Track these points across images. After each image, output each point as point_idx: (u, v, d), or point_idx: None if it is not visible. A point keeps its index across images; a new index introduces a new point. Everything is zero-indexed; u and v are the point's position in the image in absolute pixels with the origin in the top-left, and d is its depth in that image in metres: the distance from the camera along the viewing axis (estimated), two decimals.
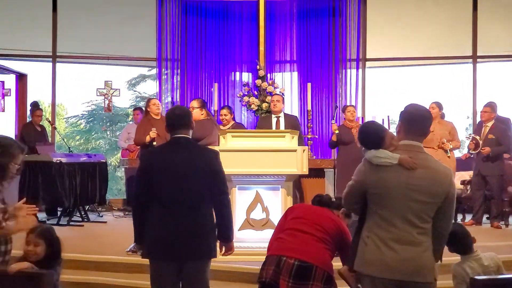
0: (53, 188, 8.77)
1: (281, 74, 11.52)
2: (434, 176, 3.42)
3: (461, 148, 11.49)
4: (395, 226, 3.38)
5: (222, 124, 8.79)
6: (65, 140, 11.88)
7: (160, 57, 11.42)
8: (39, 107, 10.37)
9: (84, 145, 23.34)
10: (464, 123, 9.49)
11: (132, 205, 4.19)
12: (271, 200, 6.28)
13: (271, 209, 6.28)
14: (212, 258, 4.19)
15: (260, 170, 6.23)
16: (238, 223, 6.34)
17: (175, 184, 4.01)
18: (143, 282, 5.73)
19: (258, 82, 10.45)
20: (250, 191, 6.36)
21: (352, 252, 3.73)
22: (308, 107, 9.06)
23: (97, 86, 11.79)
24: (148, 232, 4.04)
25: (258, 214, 6.32)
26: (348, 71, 11.33)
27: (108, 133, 23.85)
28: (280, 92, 10.44)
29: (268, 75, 10.92)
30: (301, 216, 4.09)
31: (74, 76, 20.50)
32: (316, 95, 11.18)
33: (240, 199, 6.34)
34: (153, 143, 8.05)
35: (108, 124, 23.57)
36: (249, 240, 6.30)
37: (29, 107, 10.72)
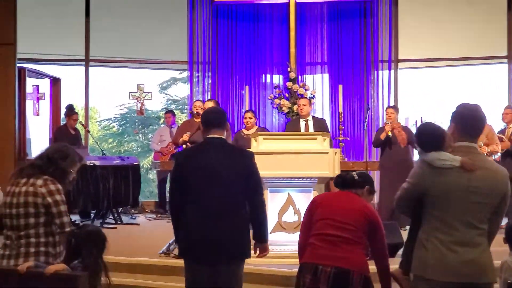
0: (86, 191, 8.88)
1: (312, 76, 11.48)
2: (493, 177, 3.42)
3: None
4: (456, 229, 3.36)
5: (246, 128, 8.81)
6: (98, 143, 12.01)
7: (191, 60, 11.48)
8: (75, 110, 10.50)
9: (117, 148, 23.54)
10: (499, 125, 9.31)
11: (170, 207, 4.21)
12: (303, 202, 6.25)
13: (303, 211, 6.24)
14: (246, 259, 4.21)
15: (292, 172, 6.22)
16: (270, 225, 6.31)
17: (211, 185, 4.01)
18: (176, 284, 5.77)
19: (289, 84, 10.44)
20: (282, 193, 6.35)
21: (406, 255, 3.70)
22: (340, 109, 9.03)
23: (129, 90, 11.92)
24: (184, 233, 4.07)
25: (290, 217, 6.31)
26: (380, 72, 11.25)
27: (140, 136, 24.01)
28: (311, 94, 10.43)
29: (299, 77, 10.90)
30: (328, 216, 4.01)
31: (106, 80, 20.71)
32: (348, 97, 11.12)
33: (272, 201, 6.33)
34: (187, 144, 8.17)
35: (140, 127, 23.73)
36: (281, 243, 6.28)
37: (63, 110, 10.85)
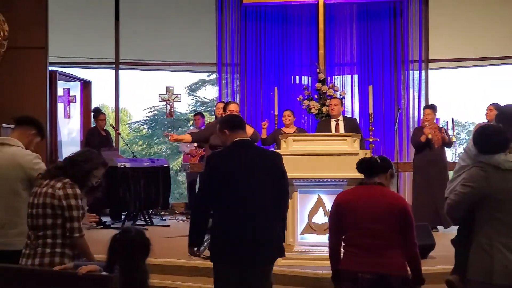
0: (117, 193, 8.95)
1: (341, 77, 11.43)
2: None
3: None
4: None
5: (285, 126, 8.82)
6: (128, 145, 12.10)
7: (220, 62, 11.50)
8: (101, 111, 10.59)
9: (147, 150, 23.70)
10: None
11: (194, 207, 4.19)
12: None
13: None
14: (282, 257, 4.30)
15: (322, 174, 6.19)
16: (300, 227, 6.31)
17: (246, 187, 4.03)
18: (207, 285, 5.77)
19: (318, 85, 10.40)
20: (311, 195, 6.31)
21: (461, 261, 3.65)
22: (370, 110, 8.96)
23: (158, 92, 12.01)
24: (217, 235, 4.07)
25: (320, 218, 6.27)
26: (410, 72, 11.14)
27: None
28: (340, 95, 10.37)
29: (328, 78, 10.85)
30: (359, 225, 3.91)
31: (136, 82, 20.89)
32: (378, 98, 11.04)
33: (301, 203, 6.30)
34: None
35: (170, 129, 23.86)
36: (310, 245, 6.26)
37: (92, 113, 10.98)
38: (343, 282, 3.95)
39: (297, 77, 11.49)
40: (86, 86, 11.74)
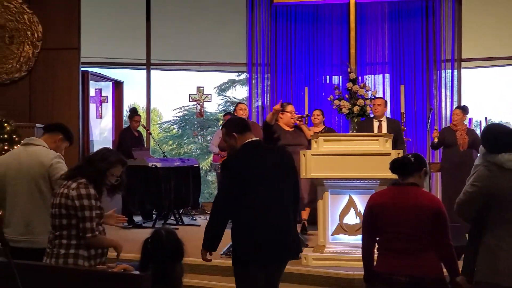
0: (148, 192, 9.01)
1: (372, 76, 11.35)
2: None
3: None
4: None
5: (314, 125, 8.79)
6: (159, 145, 12.18)
7: (251, 62, 11.50)
8: (137, 112, 10.67)
9: (177, 150, 23.82)
10: None
11: (213, 211, 4.14)
12: (364, 204, 6.17)
13: None
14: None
15: (353, 174, 6.15)
16: (331, 228, 6.29)
17: (267, 187, 4.06)
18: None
19: (349, 85, 10.33)
20: (343, 195, 6.29)
21: (469, 262, 3.63)
22: (402, 110, 8.89)
23: (188, 92, 12.05)
24: (241, 239, 4.08)
25: (351, 219, 6.24)
26: (442, 72, 11.01)
27: (199, 138, 24.24)
28: (371, 95, 10.29)
29: (359, 78, 10.78)
30: (393, 229, 3.86)
31: (166, 82, 21.02)
32: (409, 98, 10.94)
33: (333, 203, 6.28)
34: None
35: (199, 129, 23.96)
36: (342, 245, 6.23)
37: (125, 112, 11.06)
38: (377, 284, 3.92)
39: (327, 76, 11.44)
40: (117, 86, 11.84)
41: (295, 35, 11.42)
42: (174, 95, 28.27)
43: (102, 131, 11.75)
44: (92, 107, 11.06)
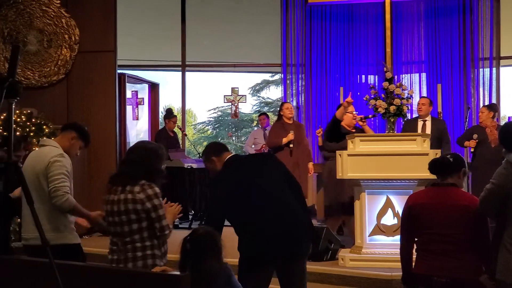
0: (185, 193, 9.06)
1: (408, 75, 11.24)
2: None
3: None
4: None
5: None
6: (194, 146, 12.24)
7: (285, 62, 11.48)
8: (174, 113, 10.73)
9: None
10: None
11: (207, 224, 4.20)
12: (402, 205, 6.10)
13: None
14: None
15: (390, 174, 6.11)
16: (368, 228, 6.25)
17: (259, 191, 4.13)
18: (274, 286, 5.77)
19: (385, 84, 10.22)
20: (380, 196, 6.24)
21: (490, 259, 3.60)
22: (439, 109, 8.78)
23: (222, 93, 12.12)
24: (249, 248, 4.15)
25: (389, 220, 6.19)
26: (480, 70, 10.85)
27: (234, 138, 24.34)
28: (408, 94, 10.19)
29: (395, 77, 10.68)
30: (433, 230, 3.82)
31: (201, 83, 21.13)
32: (446, 96, 10.80)
33: (370, 204, 6.24)
34: (289, 145, 8.39)
35: (234, 130, 24.06)
36: (379, 246, 6.19)
37: (161, 114, 11.14)
38: (416, 286, 3.88)
39: (363, 76, 11.37)
40: (153, 88, 11.94)
41: (330, 35, 11.37)
42: (209, 96, 28.43)
43: (138, 133, 11.86)
44: (129, 109, 11.18)
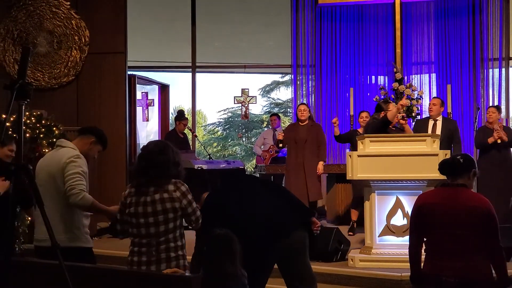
0: (195, 195, 9.06)
1: (418, 76, 11.22)
2: None
3: None
4: None
5: (361, 127, 8.74)
6: (204, 147, 12.26)
7: (295, 63, 11.47)
8: (185, 115, 10.75)
9: (221, 152, 23.97)
10: None
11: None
12: (412, 205, 6.10)
13: None
14: None
15: (400, 175, 6.10)
16: (378, 229, 6.24)
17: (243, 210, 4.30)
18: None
19: (395, 85, 10.23)
20: (390, 196, 6.24)
21: (500, 260, 3.61)
22: (448, 109, 8.76)
23: (232, 94, 12.12)
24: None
25: (398, 220, 6.18)
26: (490, 71, 10.81)
27: (244, 139, 24.35)
28: (418, 94, 10.19)
29: (405, 78, 10.67)
30: (443, 229, 3.83)
31: (211, 85, 21.18)
32: (456, 97, 10.78)
33: (379, 204, 6.24)
34: (279, 145, 8.71)
35: (244, 131, 24.08)
36: (389, 247, 6.18)
37: (171, 115, 11.16)
38: (425, 285, 3.88)
39: (373, 77, 11.36)
40: (163, 89, 11.96)
41: (340, 35, 11.36)
42: (219, 97, 28.47)
43: (148, 134, 11.88)
44: (139, 110, 11.19)
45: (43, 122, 7.97)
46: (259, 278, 4.24)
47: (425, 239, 3.99)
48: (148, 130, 11.89)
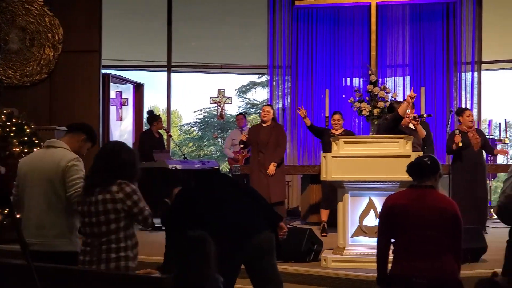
0: (168, 195, 9.01)
1: (392, 78, 11.30)
2: None
3: None
4: None
5: (334, 129, 8.73)
6: (179, 147, 12.21)
7: (272, 64, 11.49)
8: (157, 117, 10.70)
9: (197, 152, 23.90)
10: None
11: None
12: None
13: None
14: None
15: (373, 176, 6.12)
16: (351, 230, 6.26)
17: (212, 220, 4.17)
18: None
19: (370, 87, 10.30)
20: (363, 197, 6.26)
21: (508, 262, 3.67)
22: (421, 112, 8.83)
23: (208, 94, 12.09)
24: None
25: (371, 221, 6.20)
26: (463, 74, 10.93)
27: (219, 140, 24.31)
28: (392, 97, 10.26)
29: (380, 80, 10.74)
30: (412, 230, 3.84)
31: (187, 84, 21.09)
32: (430, 100, 10.87)
33: (352, 205, 6.25)
34: (244, 146, 8.71)
35: (219, 131, 24.03)
36: (361, 247, 6.20)
37: (145, 115, 11.08)
38: (393, 286, 3.90)
39: (348, 79, 11.41)
40: (138, 88, 11.89)
41: (316, 37, 11.41)
42: (195, 97, 28.36)
43: (122, 133, 11.81)
44: (113, 109, 11.12)
45: (14, 120, 7.74)
46: (228, 277, 4.22)
47: (393, 240, 4.01)
48: (122, 130, 11.81)
